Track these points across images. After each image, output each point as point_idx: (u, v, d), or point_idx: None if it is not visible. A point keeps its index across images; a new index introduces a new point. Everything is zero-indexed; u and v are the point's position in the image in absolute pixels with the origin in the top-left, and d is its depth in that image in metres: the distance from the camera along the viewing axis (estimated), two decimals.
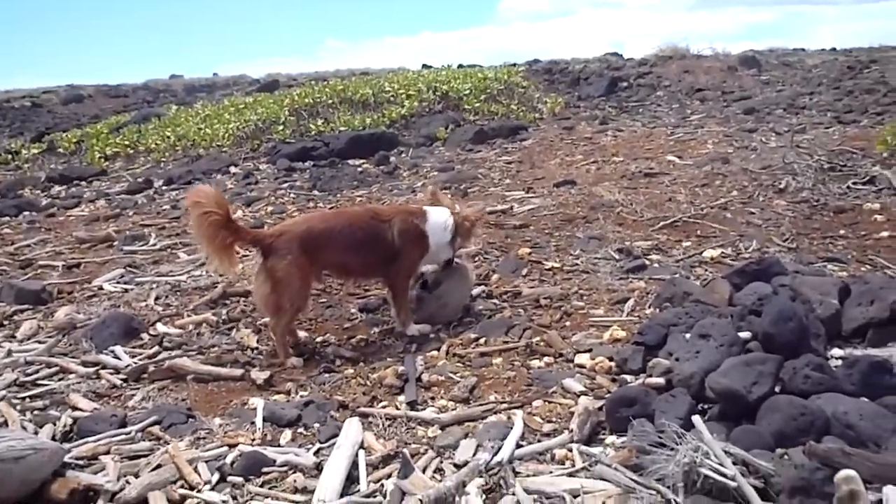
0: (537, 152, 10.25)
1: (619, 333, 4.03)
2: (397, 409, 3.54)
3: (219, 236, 3.97)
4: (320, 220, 4.26)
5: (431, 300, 4.49)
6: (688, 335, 3.62)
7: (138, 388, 4.00)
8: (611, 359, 3.76)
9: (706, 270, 5.09)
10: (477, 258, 5.62)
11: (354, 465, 3.03)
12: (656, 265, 5.26)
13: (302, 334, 4.51)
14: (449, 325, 4.42)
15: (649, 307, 4.45)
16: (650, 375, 3.48)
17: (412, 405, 3.56)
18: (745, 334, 3.50)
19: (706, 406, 3.16)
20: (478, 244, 5.75)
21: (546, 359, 3.89)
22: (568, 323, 4.34)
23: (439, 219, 4.43)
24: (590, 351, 3.90)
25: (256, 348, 4.42)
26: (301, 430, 3.43)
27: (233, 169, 10.88)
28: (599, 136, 10.83)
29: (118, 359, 4.35)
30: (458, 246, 4.55)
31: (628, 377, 3.59)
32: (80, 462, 3.20)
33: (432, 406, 3.55)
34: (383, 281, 4.48)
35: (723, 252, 5.41)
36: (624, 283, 4.92)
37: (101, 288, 5.67)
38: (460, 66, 20.37)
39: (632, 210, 6.65)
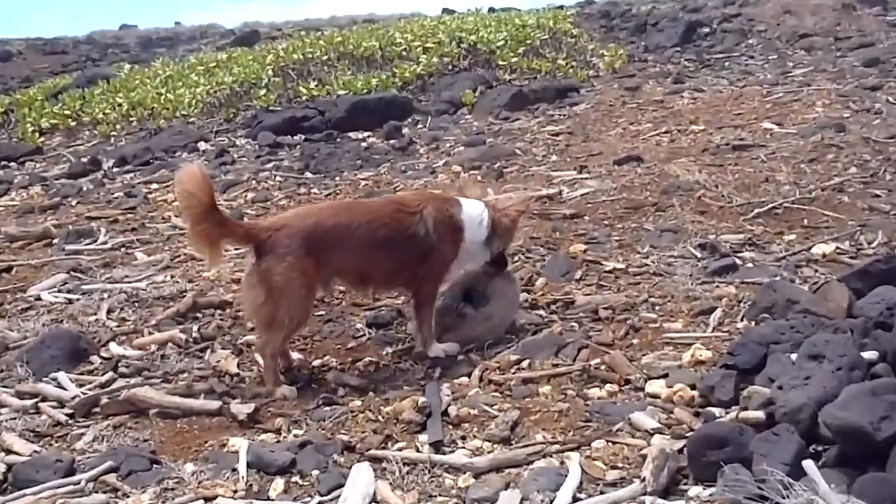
0: (592, 120, 10.20)
1: (702, 354, 4.07)
2: (418, 451, 3.58)
3: (200, 229, 4.07)
4: (331, 214, 4.33)
5: (476, 317, 4.54)
6: (794, 356, 3.64)
7: (88, 426, 4.04)
8: (693, 386, 3.79)
9: (816, 271, 5.12)
10: (517, 258, 5.62)
11: None
12: (750, 265, 5.29)
13: (295, 356, 4.57)
14: (482, 344, 4.46)
15: (742, 319, 4.48)
16: (745, 408, 3.50)
17: (437, 446, 3.60)
18: (869, 354, 3.51)
19: (820, 448, 3.17)
20: (518, 240, 5.74)
21: (608, 386, 3.92)
22: (636, 340, 4.36)
23: (473, 211, 4.49)
24: (665, 376, 3.93)
25: (237, 374, 4.45)
26: (296, 478, 3.46)
27: (202, 145, 10.92)
28: (673, 99, 10.83)
29: (62, 388, 4.40)
30: (496, 248, 4.61)
31: (716, 410, 3.61)
32: None
33: (463, 448, 3.59)
34: (407, 288, 4.57)
35: (838, 247, 5.43)
36: (708, 288, 4.96)
37: (38, 298, 5.75)
38: (492, 9, 20.36)
39: (717, 194, 6.66)
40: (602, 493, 3.16)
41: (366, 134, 10.76)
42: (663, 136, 8.89)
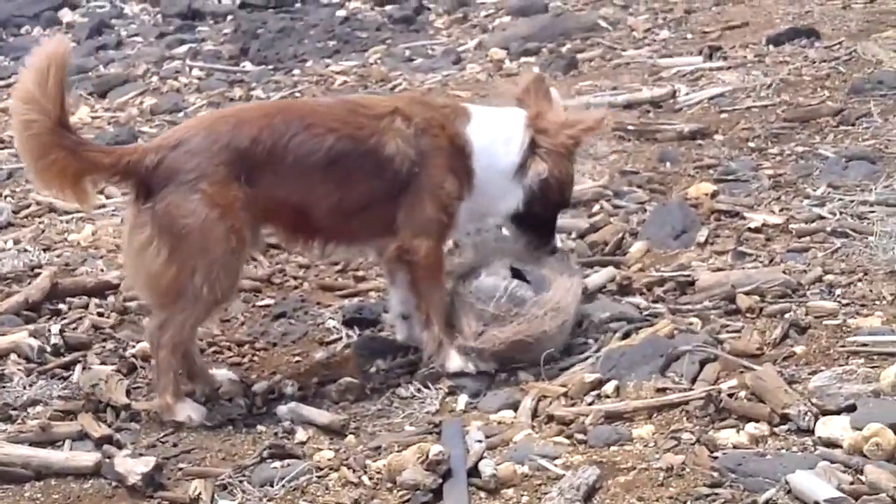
0: None
1: None
2: None
3: (47, 162, 3.67)
4: (256, 117, 3.93)
5: (539, 306, 4.01)
6: None
7: None
8: None
9: None
10: (596, 206, 5.11)
11: None
12: None
13: (224, 374, 4.06)
14: (540, 354, 3.95)
15: None
16: None
17: None
18: None
19: None
20: (594, 176, 5.36)
21: (751, 427, 3.42)
22: (800, 348, 3.81)
23: (494, 121, 4.04)
24: (850, 410, 3.44)
25: (127, 406, 3.87)
26: None
27: (66, 14, 9.89)
28: None
29: None
30: (535, 191, 4.02)
31: None
32: None
33: None
34: (383, 248, 4.07)
35: None
36: None
37: None
38: None
39: None
40: None
41: None
42: None
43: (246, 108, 4.57)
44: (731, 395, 3.51)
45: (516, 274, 4.11)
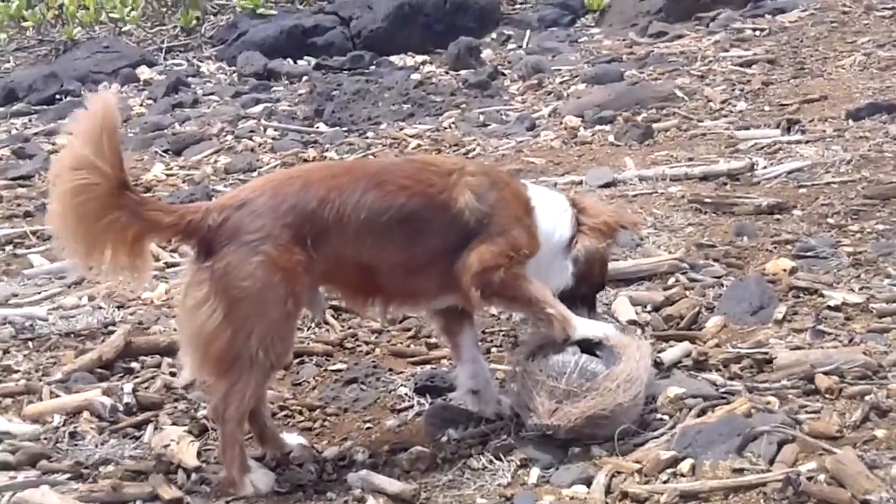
0: (811, 40, 9.44)
1: None
2: None
3: (104, 224, 3.58)
4: (322, 177, 3.91)
5: (612, 379, 3.96)
6: None
7: None
8: None
9: None
10: (670, 280, 5.08)
11: None
12: None
13: (294, 440, 4.01)
14: (614, 430, 3.91)
15: None
16: None
17: None
18: None
19: None
20: (670, 248, 5.35)
21: None
22: (881, 432, 3.71)
23: (548, 196, 4.08)
24: None
25: (198, 469, 3.86)
26: None
27: (144, 72, 9.88)
28: None
29: None
30: (580, 269, 4.05)
31: None
32: None
33: None
34: (448, 298, 4.02)
35: None
36: None
37: None
38: None
39: None
40: None
41: (419, 59, 9.77)
42: None
43: (313, 169, 4.58)
44: (810, 479, 3.41)
45: (585, 348, 4.07)
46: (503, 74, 9.21)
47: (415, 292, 4.07)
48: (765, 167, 6.43)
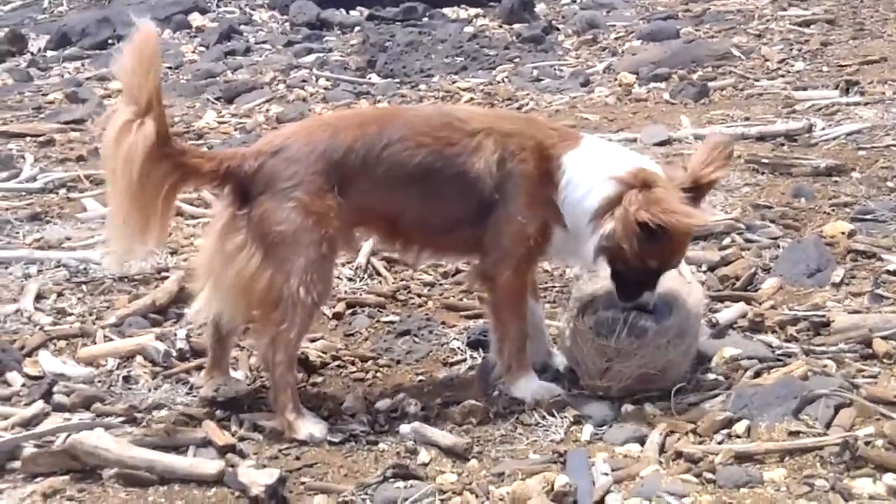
0: (870, 0, 9.42)
1: None
2: None
3: (148, 167, 3.58)
4: (353, 125, 3.91)
5: (662, 335, 3.91)
6: None
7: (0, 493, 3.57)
8: None
9: None
10: (727, 238, 5.03)
11: None
12: None
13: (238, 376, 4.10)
14: (671, 385, 3.91)
15: None
16: None
17: None
18: None
19: None
20: (727, 208, 5.27)
21: (890, 477, 3.35)
22: None
23: (600, 162, 3.82)
24: None
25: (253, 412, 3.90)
26: None
27: (196, 18, 9.88)
28: None
29: None
30: (609, 245, 3.83)
31: None
32: None
33: None
34: (471, 267, 4.11)
35: None
36: None
37: None
38: None
39: None
40: None
41: (473, 11, 9.71)
42: None
43: (344, 116, 4.57)
44: (867, 443, 3.40)
45: (634, 302, 3.99)
46: (557, 29, 9.20)
47: (442, 248, 4.10)
48: (823, 129, 6.39)
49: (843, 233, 5.04)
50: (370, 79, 8.11)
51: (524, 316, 3.98)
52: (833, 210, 5.35)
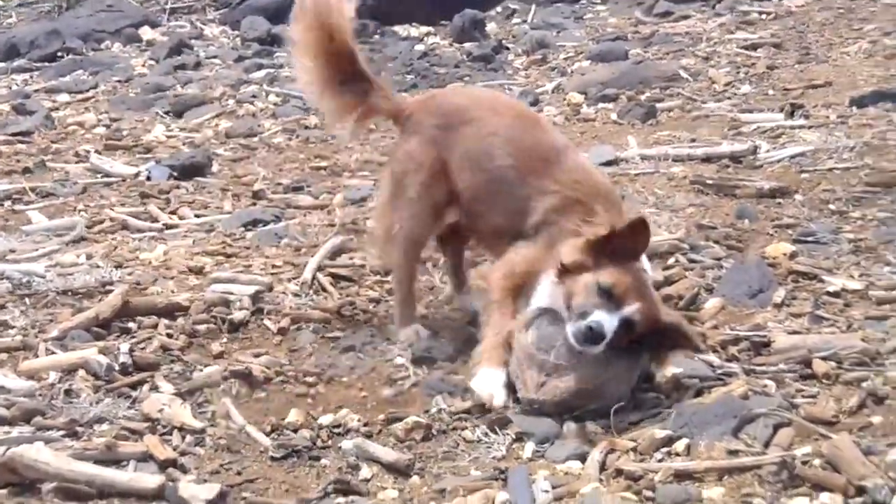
0: (817, 25, 9.57)
1: None
2: None
3: (339, 99, 4.30)
4: (480, 102, 4.36)
5: (609, 356, 4.00)
6: None
7: None
8: None
9: None
10: (671, 259, 5.08)
11: None
12: None
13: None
14: (610, 405, 3.92)
15: None
16: None
17: None
18: None
19: None
20: (671, 228, 5.30)
21: (826, 496, 3.33)
22: (877, 418, 3.74)
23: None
24: None
25: (193, 430, 3.86)
26: None
27: (146, 32, 9.95)
28: None
29: None
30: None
31: None
32: None
33: None
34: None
35: None
36: None
37: None
38: None
39: None
40: None
41: (424, 30, 9.90)
42: None
43: (484, 94, 5.25)
44: (805, 463, 3.44)
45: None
46: (507, 49, 9.28)
47: (492, 248, 4.35)
48: (767, 151, 6.45)
49: (785, 254, 5.09)
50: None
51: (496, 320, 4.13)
52: (776, 231, 5.40)
